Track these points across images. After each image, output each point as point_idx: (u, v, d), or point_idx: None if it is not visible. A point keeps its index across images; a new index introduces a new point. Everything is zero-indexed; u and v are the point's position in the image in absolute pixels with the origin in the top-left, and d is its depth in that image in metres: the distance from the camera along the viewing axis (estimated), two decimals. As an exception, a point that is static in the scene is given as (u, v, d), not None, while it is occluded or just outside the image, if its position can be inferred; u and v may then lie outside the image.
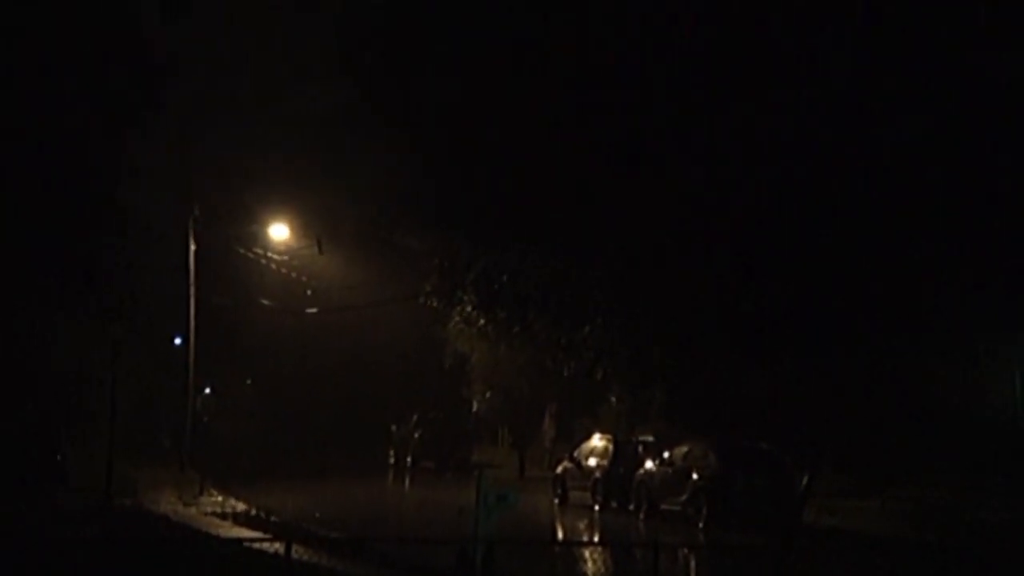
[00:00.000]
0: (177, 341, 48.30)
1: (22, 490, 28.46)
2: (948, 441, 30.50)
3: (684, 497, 29.39)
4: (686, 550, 22.70)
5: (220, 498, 33.48)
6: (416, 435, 48.36)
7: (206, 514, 29.62)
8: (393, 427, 51.17)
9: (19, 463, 30.60)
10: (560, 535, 28.58)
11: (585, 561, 21.24)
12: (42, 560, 16.53)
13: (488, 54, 22.60)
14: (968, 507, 28.88)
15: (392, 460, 49.57)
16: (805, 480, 26.12)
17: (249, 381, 59.11)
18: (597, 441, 35.05)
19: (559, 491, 34.90)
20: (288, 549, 13.76)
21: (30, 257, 24.18)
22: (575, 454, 35.22)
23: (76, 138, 24.09)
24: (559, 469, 35.48)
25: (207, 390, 50.24)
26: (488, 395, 47.71)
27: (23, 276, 24.55)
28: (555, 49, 21.75)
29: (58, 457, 33.21)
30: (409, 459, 48.11)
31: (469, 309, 27.60)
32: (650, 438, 34.83)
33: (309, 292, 46.66)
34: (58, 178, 23.81)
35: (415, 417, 49.17)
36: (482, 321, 28.00)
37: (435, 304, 28.41)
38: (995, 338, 26.68)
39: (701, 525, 28.28)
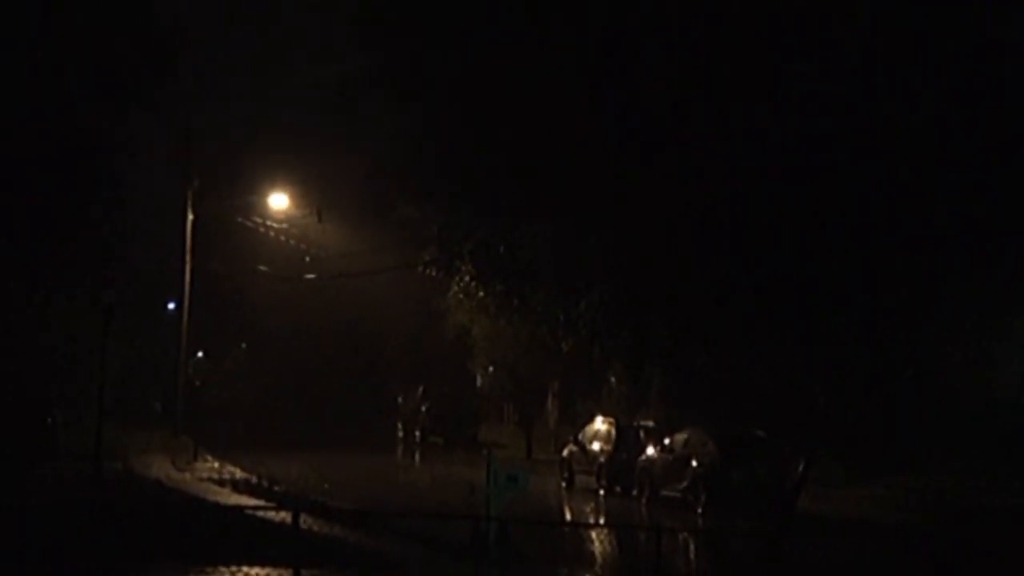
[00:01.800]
0: (171, 306, 47.88)
1: (11, 455, 28.00)
2: (951, 426, 30.51)
3: (684, 484, 29.53)
4: (686, 534, 22.68)
5: (215, 464, 33.16)
6: (423, 409, 48.50)
7: (201, 480, 29.29)
8: (399, 399, 51.28)
9: (8, 428, 30.11)
10: (569, 517, 28.64)
11: (593, 542, 21.20)
12: (35, 527, 16.24)
13: (495, 26, 22.40)
14: (966, 493, 28.89)
15: (400, 434, 49.59)
16: (801, 467, 26.06)
17: (244, 346, 58.80)
18: (600, 424, 35.13)
19: (566, 474, 35.14)
20: (296, 518, 13.28)
21: (22, 223, 23.86)
22: (580, 437, 35.37)
23: (75, 107, 23.84)
24: (565, 452, 35.64)
25: (199, 354, 49.82)
26: (491, 370, 47.70)
27: (14, 241, 24.22)
28: (562, 25, 21.56)
29: (48, 421, 32.81)
30: (418, 434, 48.21)
31: (467, 279, 27.45)
32: (650, 423, 34.95)
33: (307, 259, 46.12)
34: (53, 146, 23.52)
35: (421, 389, 49.25)
36: (481, 293, 27.88)
37: (433, 274, 28.23)
38: (999, 320, 26.60)
39: (700, 511, 28.37)
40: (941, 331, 24.96)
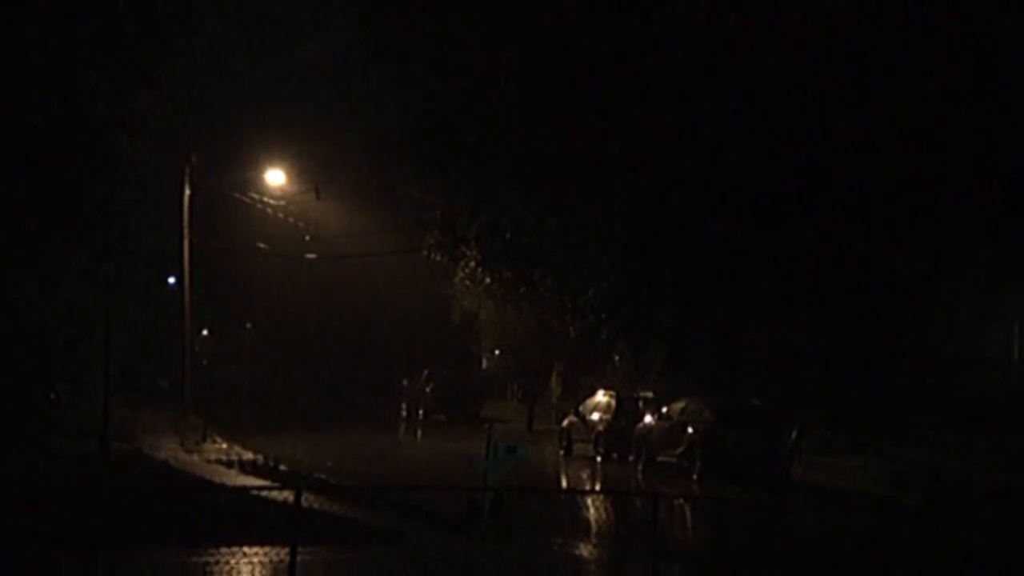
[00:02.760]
0: (171, 281, 48.04)
1: (12, 431, 27.81)
2: (942, 397, 30.56)
3: (680, 450, 29.96)
4: (682, 500, 23.02)
5: (224, 445, 33.32)
6: (428, 389, 49.31)
7: (210, 461, 29.39)
8: (405, 381, 51.94)
9: (8, 403, 29.60)
10: (565, 484, 29.14)
11: (589, 509, 21.60)
12: (39, 507, 16.02)
13: (498, 7, 22.65)
14: (956, 465, 29.16)
15: (404, 413, 50.36)
16: (794, 435, 26.43)
17: (249, 325, 58.98)
18: (601, 397, 35.83)
19: (564, 443, 35.79)
20: (298, 497, 13.44)
21: (21, 198, 23.89)
22: (580, 409, 36.09)
23: (75, 82, 23.97)
24: (565, 423, 36.37)
25: (204, 332, 49.95)
26: (497, 354, 48.23)
27: (14, 217, 24.23)
28: (568, 10, 21.81)
29: (51, 396, 32.46)
30: (420, 412, 49.06)
31: (472, 265, 27.72)
32: (650, 394, 35.62)
33: (307, 238, 46.42)
34: (53, 121, 23.53)
35: (426, 372, 50.00)
36: (487, 280, 28.24)
37: (438, 258, 28.47)
38: (992, 291, 26.80)
39: (695, 477, 28.79)
40: (936, 307, 25.33)
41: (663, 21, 21.36)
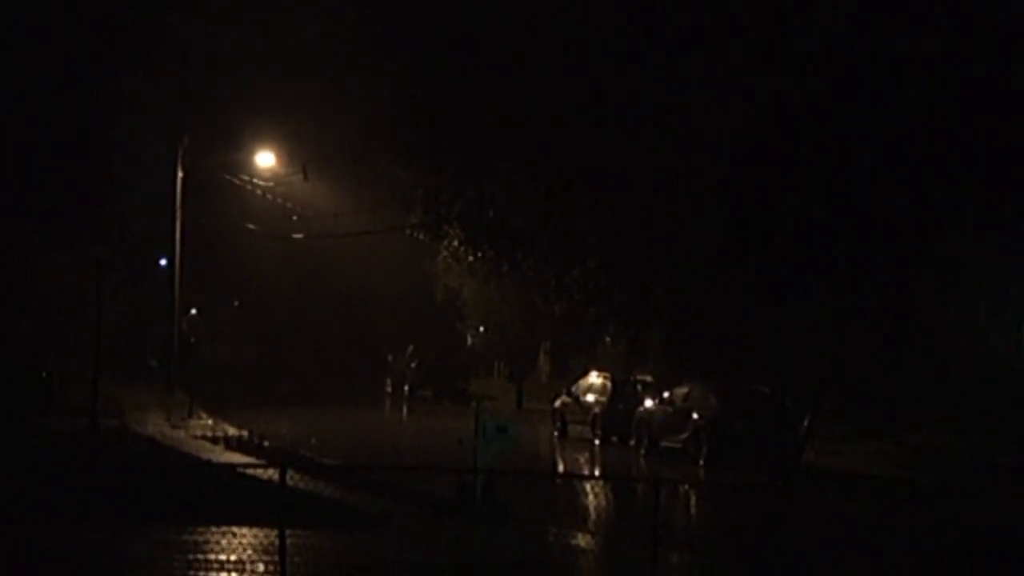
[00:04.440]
0: (163, 262, 48.46)
1: (6, 408, 28.16)
2: (950, 384, 30.51)
3: (685, 435, 29.42)
4: (687, 486, 22.50)
5: (210, 421, 33.26)
6: (412, 365, 49.31)
7: (195, 437, 29.31)
8: (389, 357, 51.97)
9: (3, 381, 30.32)
10: (562, 468, 28.65)
11: (588, 495, 20.91)
12: (28, 485, 16.14)
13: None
14: (966, 450, 29.02)
15: (389, 389, 50.41)
16: (806, 423, 26.00)
17: (237, 303, 59.31)
18: (595, 378, 35.08)
19: (559, 424, 35.17)
20: (283, 476, 13.05)
21: (16, 177, 24.05)
22: (573, 389, 35.35)
23: (70, 65, 24.03)
24: (557, 403, 35.65)
25: (193, 311, 50.14)
26: (482, 330, 48.13)
27: (8, 195, 24.36)
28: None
29: (43, 374, 33.12)
30: (406, 388, 48.99)
31: (456, 244, 27.62)
32: (648, 378, 34.95)
33: (295, 218, 46.85)
34: (48, 103, 23.70)
35: (410, 348, 49.98)
36: (470, 258, 28.11)
37: (421, 237, 28.49)
38: (999, 279, 26.53)
39: (701, 463, 28.31)
40: (942, 293, 25.02)
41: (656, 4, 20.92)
